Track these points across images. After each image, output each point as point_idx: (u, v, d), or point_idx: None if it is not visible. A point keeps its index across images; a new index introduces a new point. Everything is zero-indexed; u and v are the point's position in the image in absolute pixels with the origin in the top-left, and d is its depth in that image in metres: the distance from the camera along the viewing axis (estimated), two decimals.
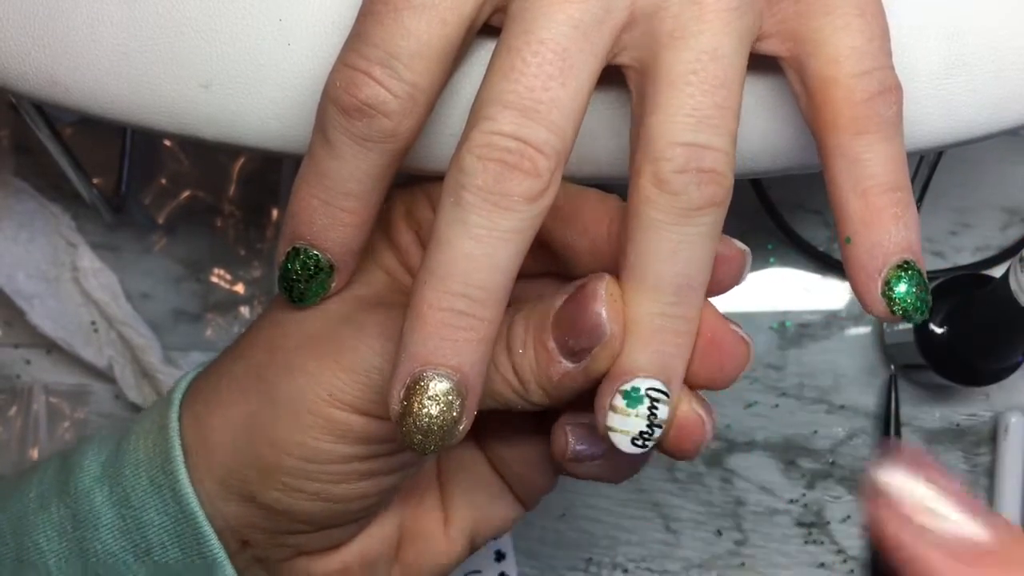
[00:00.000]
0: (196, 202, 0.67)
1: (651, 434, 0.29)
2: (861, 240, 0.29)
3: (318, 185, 0.30)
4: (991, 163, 0.66)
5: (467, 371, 0.27)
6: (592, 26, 0.27)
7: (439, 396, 0.27)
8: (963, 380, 0.61)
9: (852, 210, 0.29)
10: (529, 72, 0.27)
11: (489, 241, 0.26)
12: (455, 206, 0.26)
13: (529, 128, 0.26)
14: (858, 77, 0.28)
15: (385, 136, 0.29)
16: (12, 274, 0.64)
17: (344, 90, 0.28)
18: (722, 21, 0.28)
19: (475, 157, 0.26)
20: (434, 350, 0.26)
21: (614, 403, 0.29)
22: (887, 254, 0.28)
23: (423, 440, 0.27)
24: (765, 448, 0.66)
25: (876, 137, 0.28)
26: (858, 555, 0.65)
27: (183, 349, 0.66)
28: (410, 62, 0.28)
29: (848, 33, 0.29)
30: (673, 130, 0.27)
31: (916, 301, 0.29)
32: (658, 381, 0.29)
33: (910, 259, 0.28)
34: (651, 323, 0.28)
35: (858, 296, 0.29)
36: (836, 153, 0.29)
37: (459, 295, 0.26)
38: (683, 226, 0.28)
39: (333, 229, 0.30)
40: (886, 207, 0.28)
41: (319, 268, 0.31)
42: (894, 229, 0.28)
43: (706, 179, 0.27)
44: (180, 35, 0.33)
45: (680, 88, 0.28)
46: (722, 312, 0.31)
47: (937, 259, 0.66)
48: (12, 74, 0.34)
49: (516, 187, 0.26)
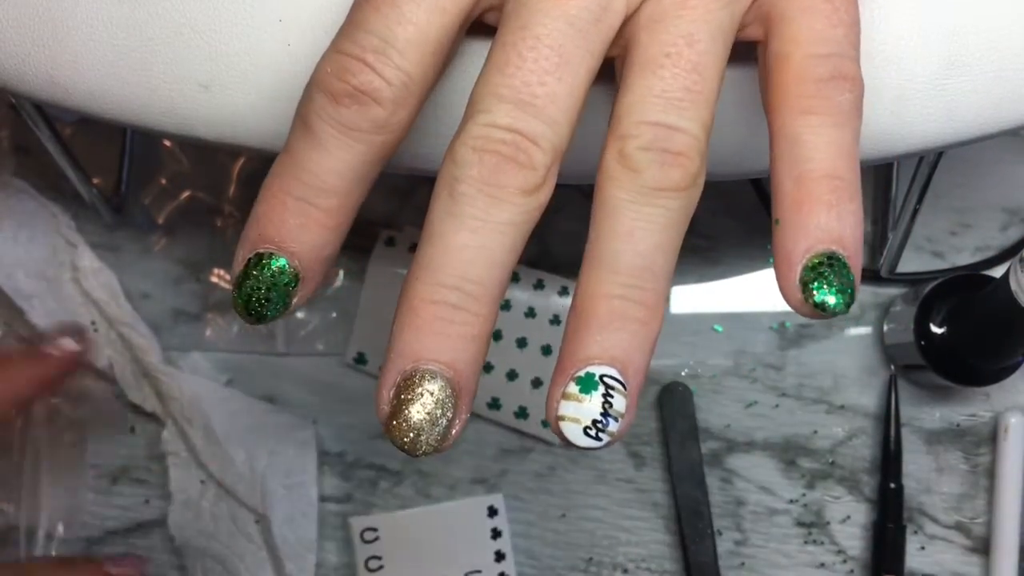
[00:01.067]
0: (196, 202, 0.67)
1: (605, 424, 0.26)
2: (787, 224, 0.27)
3: (294, 180, 0.28)
4: (991, 163, 0.66)
5: (460, 368, 0.26)
6: (589, 23, 0.27)
7: (432, 393, 0.26)
8: (963, 380, 0.61)
9: (784, 192, 0.27)
10: (525, 67, 0.26)
11: (484, 233, 0.26)
12: (449, 198, 0.26)
13: (525, 121, 0.26)
14: (812, 58, 0.28)
15: (376, 126, 0.27)
16: (12, 274, 0.64)
17: (335, 76, 0.27)
18: (703, 9, 0.28)
19: (470, 149, 0.26)
20: (426, 346, 0.25)
21: (566, 390, 0.26)
22: (812, 241, 0.26)
23: (414, 440, 0.26)
24: (765, 448, 0.66)
25: (821, 120, 0.27)
26: (858, 555, 0.65)
27: (183, 349, 0.66)
28: (406, 50, 0.27)
29: (811, 15, 0.28)
30: (641, 109, 0.27)
31: (837, 297, 0.26)
32: (614, 369, 0.26)
33: (837, 251, 0.26)
34: (608, 307, 0.26)
35: (778, 284, 0.27)
36: (779, 133, 0.27)
37: (452, 288, 0.25)
38: (642, 205, 0.26)
39: (306, 230, 0.28)
40: (819, 193, 0.26)
41: (282, 275, 0.27)
42: (824, 217, 0.26)
43: (670, 160, 0.26)
44: (180, 35, 0.33)
45: (652, 70, 0.27)
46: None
47: (937, 259, 0.66)
48: (12, 75, 0.34)
49: (511, 179, 0.26)
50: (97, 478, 0.66)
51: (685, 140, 0.27)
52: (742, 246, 0.66)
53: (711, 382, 0.65)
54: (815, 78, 0.27)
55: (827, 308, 0.26)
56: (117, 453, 0.66)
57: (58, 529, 0.66)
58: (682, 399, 0.64)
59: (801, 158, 0.27)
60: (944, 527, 0.65)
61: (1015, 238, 0.66)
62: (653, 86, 0.27)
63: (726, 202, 0.65)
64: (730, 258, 0.66)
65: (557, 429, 0.27)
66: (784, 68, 0.28)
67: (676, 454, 0.65)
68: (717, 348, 0.65)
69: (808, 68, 0.27)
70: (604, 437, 0.27)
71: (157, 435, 0.65)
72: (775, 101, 0.28)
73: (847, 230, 0.26)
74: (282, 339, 0.66)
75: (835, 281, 0.26)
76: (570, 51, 0.27)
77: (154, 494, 0.66)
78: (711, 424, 0.65)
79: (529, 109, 0.26)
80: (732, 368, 0.65)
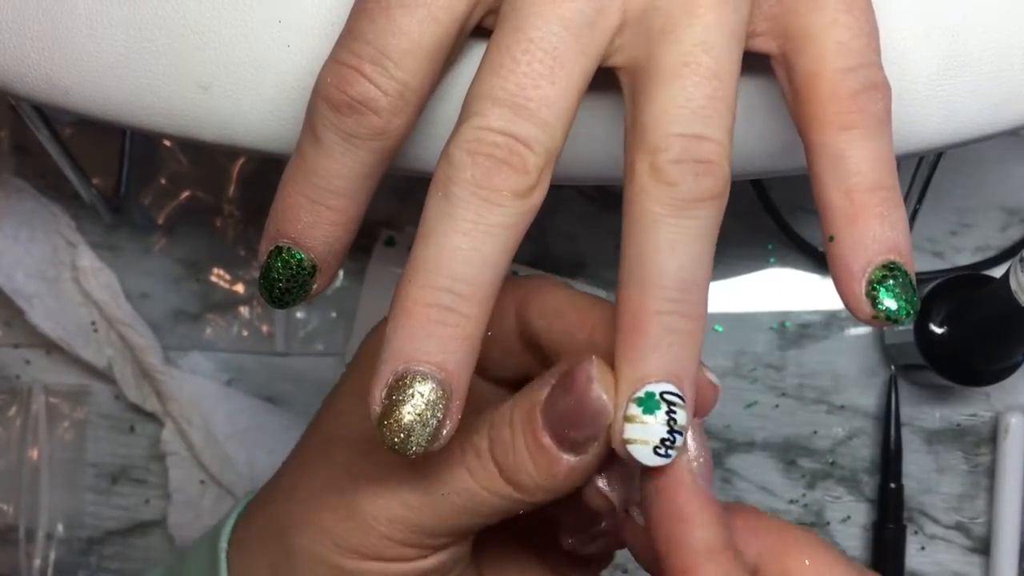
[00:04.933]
0: (196, 202, 0.67)
1: (673, 441, 0.27)
2: (844, 239, 0.27)
3: (305, 182, 0.29)
4: (991, 163, 0.66)
5: (452, 369, 0.26)
6: (583, 26, 0.27)
7: (422, 394, 0.26)
8: (963, 380, 0.61)
9: (836, 208, 0.28)
10: (519, 70, 0.27)
11: (476, 235, 0.26)
12: (443, 200, 0.26)
13: (518, 124, 0.26)
14: (843, 72, 0.28)
15: (374, 134, 0.28)
16: (12, 273, 0.64)
17: (335, 86, 0.28)
18: (714, 14, 0.28)
19: (464, 152, 0.26)
20: (418, 347, 0.26)
21: (628, 413, 0.27)
22: (871, 254, 0.27)
23: (404, 440, 0.26)
24: (765, 448, 0.66)
25: (861, 133, 0.28)
26: (858, 555, 0.65)
27: (183, 349, 0.66)
28: (401, 60, 0.28)
29: (835, 29, 0.28)
30: (668, 121, 0.27)
31: (902, 304, 0.27)
32: (671, 385, 0.27)
33: (896, 260, 0.27)
34: (659, 323, 0.27)
35: (842, 298, 0.28)
36: (821, 150, 0.28)
37: (444, 290, 0.26)
38: (681, 218, 0.27)
39: (318, 228, 0.29)
40: (871, 205, 0.27)
41: (301, 268, 0.30)
42: (879, 228, 0.27)
43: (703, 170, 0.27)
44: (179, 36, 0.33)
45: (672, 81, 0.27)
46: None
47: (937, 259, 0.66)
48: (11, 76, 0.34)
49: (504, 182, 0.26)
50: (97, 478, 0.66)
51: (713, 148, 0.27)
52: (742, 246, 0.66)
53: None
54: (849, 92, 0.28)
55: (892, 315, 0.27)
56: (117, 453, 0.66)
57: (58, 529, 0.66)
58: None
59: (848, 172, 0.27)
60: (944, 527, 0.65)
61: (1015, 238, 0.66)
62: (676, 97, 0.27)
63: None
64: (730, 258, 0.66)
65: (625, 453, 0.27)
66: (817, 86, 0.28)
67: None
68: (717, 348, 0.65)
69: (841, 83, 0.28)
70: (672, 453, 0.27)
71: (157, 435, 0.65)
72: (811, 118, 0.28)
73: (900, 236, 0.27)
74: (282, 339, 0.66)
75: (898, 288, 0.27)
76: (564, 54, 0.27)
77: (154, 494, 0.66)
78: (711, 424, 0.65)
79: (523, 112, 0.26)
80: (732, 368, 0.65)
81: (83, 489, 0.66)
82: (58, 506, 0.66)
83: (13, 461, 0.65)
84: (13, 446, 0.65)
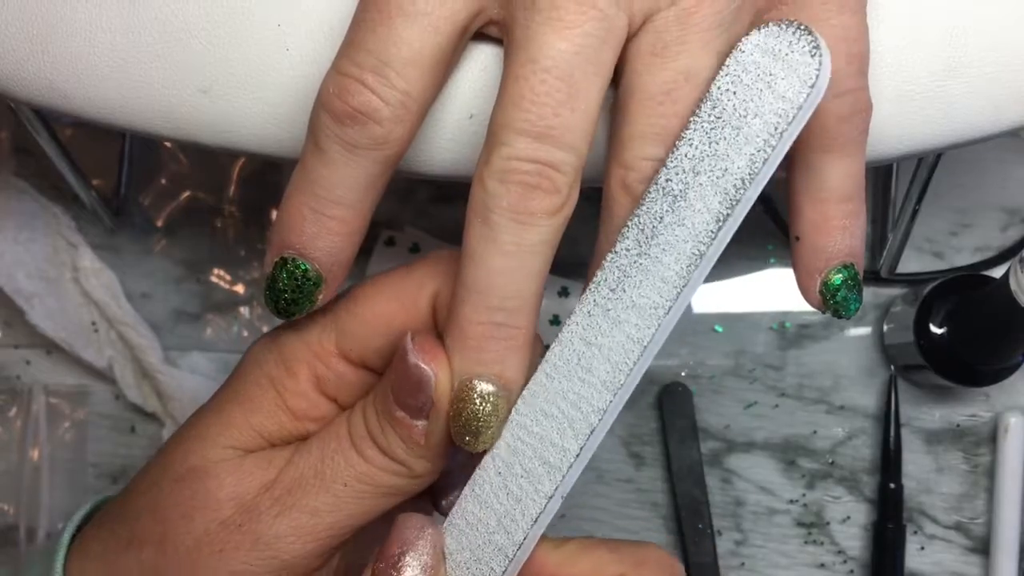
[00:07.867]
0: (196, 203, 0.67)
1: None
2: (809, 242, 0.31)
3: (308, 193, 0.30)
4: (991, 163, 0.66)
5: (509, 376, 0.29)
6: (595, 49, 0.28)
7: (485, 398, 0.29)
8: (963, 380, 0.61)
9: (805, 215, 0.31)
10: (539, 101, 0.28)
11: (518, 255, 0.28)
12: (483, 225, 0.28)
13: (544, 151, 0.28)
14: (832, 100, 0.29)
15: (376, 143, 0.29)
16: (12, 274, 0.64)
17: (337, 96, 0.28)
18: (704, 38, 0.29)
19: (498, 181, 0.28)
20: (478, 361, 0.29)
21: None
22: (829, 258, 0.31)
23: (471, 443, 0.29)
24: (765, 448, 0.66)
25: (840, 154, 0.30)
26: (858, 555, 0.65)
27: (183, 349, 0.66)
28: (402, 70, 0.28)
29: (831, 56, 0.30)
30: (641, 145, 0.29)
31: (849, 299, 0.31)
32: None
33: (849, 263, 0.31)
34: None
35: (799, 288, 0.32)
36: (801, 164, 0.31)
37: (496, 309, 0.28)
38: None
39: (322, 238, 0.30)
40: (836, 217, 0.31)
41: (307, 279, 0.30)
42: (840, 237, 0.31)
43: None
44: (179, 40, 0.33)
45: (651, 107, 0.29)
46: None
47: (937, 259, 0.66)
48: (11, 80, 0.34)
49: (538, 204, 0.28)
50: (97, 478, 0.66)
51: None
52: (742, 246, 0.66)
53: (711, 382, 0.65)
54: (836, 117, 0.30)
55: (840, 307, 0.31)
56: (117, 453, 0.66)
57: (58, 529, 0.66)
58: (682, 399, 0.64)
59: (821, 186, 0.31)
60: (944, 527, 0.65)
61: (1015, 238, 0.66)
62: (654, 124, 0.29)
63: None
64: (730, 258, 0.66)
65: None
66: None
67: (676, 454, 0.65)
68: (717, 348, 0.65)
69: (831, 111, 0.30)
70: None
71: (157, 435, 0.65)
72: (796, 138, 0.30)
73: (856, 243, 0.31)
74: None
75: (848, 287, 0.31)
76: (579, 79, 0.28)
77: None
78: (711, 424, 0.65)
79: (547, 140, 0.28)
80: (732, 368, 0.65)
81: (84, 489, 0.66)
82: (58, 506, 0.66)
83: (14, 461, 0.65)
84: (14, 446, 0.65)
